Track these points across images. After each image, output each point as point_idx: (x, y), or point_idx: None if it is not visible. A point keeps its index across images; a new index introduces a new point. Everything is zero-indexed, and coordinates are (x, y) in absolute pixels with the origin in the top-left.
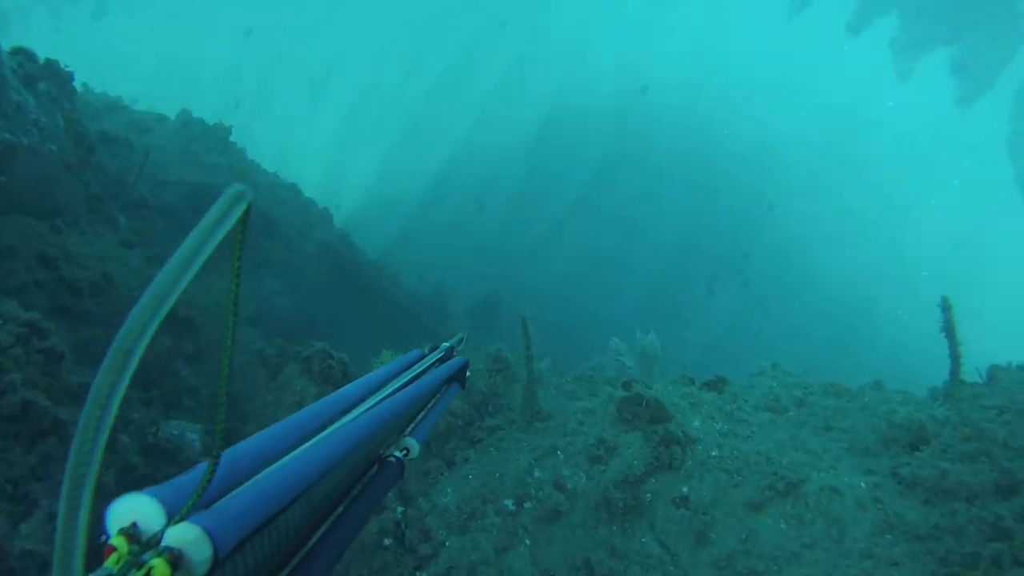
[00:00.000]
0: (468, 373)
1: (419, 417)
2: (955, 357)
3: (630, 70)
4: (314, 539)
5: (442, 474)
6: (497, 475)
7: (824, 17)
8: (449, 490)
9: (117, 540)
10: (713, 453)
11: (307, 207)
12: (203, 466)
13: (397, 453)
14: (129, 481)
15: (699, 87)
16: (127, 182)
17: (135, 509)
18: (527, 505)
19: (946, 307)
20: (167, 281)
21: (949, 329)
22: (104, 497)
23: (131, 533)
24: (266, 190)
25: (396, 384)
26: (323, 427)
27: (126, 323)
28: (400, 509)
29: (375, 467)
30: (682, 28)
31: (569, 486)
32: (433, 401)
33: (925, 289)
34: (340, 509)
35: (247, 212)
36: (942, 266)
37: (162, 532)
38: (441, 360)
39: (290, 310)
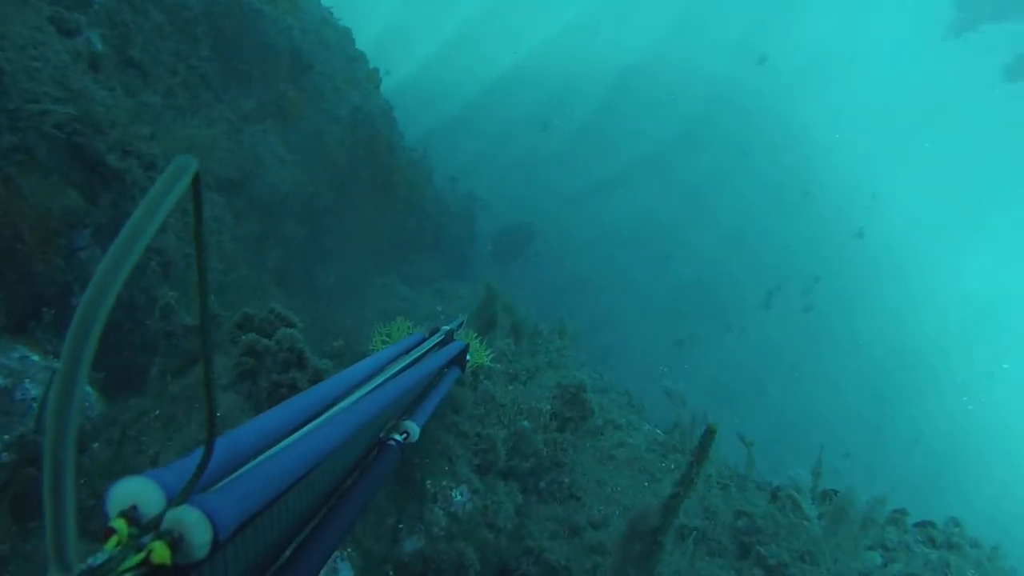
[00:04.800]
0: (468, 357)
1: (419, 400)
2: None
3: (754, 33)
4: (315, 522)
5: None
6: None
7: (981, 50)
8: None
9: (117, 523)
10: None
11: (354, 62)
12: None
13: (397, 437)
14: None
15: (819, 78)
16: None
17: (135, 492)
18: None
19: None
20: (112, 265)
21: None
22: None
23: (131, 516)
24: (311, 25)
25: (397, 367)
26: (324, 409)
27: (78, 311)
28: None
29: (375, 450)
30: (821, 8)
31: None
32: (433, 384)
33: (1000, 381)
34: (341, 492)
35: (197, 181)
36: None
37: (162, 515)
38: (441, 344)
39: (289, 184)
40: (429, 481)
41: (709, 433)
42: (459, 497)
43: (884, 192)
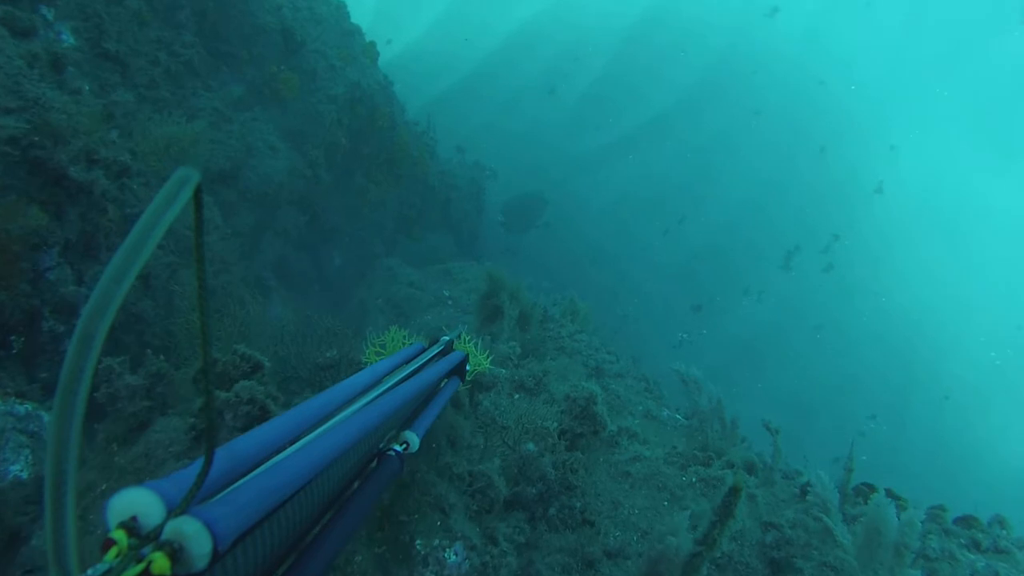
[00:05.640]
0: (468, 367)
1: (419, 411)
2: None
3: None
4: (314, 532)
5: None
6: None
7: None
8: None
9: (117, 534)
10: None
11: (349, 36)
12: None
13: (397, 447)
14: None
15: (832, 27)
16: None
17: (135, 503)
18: None
19: None
20: (115, 274)
21: None
22: None
23: (131, 527)
24: (302, 1)
25: (397, 377)
26: (324, 420)
27: (80, 322)
28: None
29: (375, 461)
30: None
31: None
32: (433, 395)
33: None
34: (341, 502)
35: (199, 194)
36: None
37: (162, 526)
38: (441, 354)
39: (284, 172)
40: (420, 541)
41: (734, 492)
42: (453, 558)
43: (903, 144)
